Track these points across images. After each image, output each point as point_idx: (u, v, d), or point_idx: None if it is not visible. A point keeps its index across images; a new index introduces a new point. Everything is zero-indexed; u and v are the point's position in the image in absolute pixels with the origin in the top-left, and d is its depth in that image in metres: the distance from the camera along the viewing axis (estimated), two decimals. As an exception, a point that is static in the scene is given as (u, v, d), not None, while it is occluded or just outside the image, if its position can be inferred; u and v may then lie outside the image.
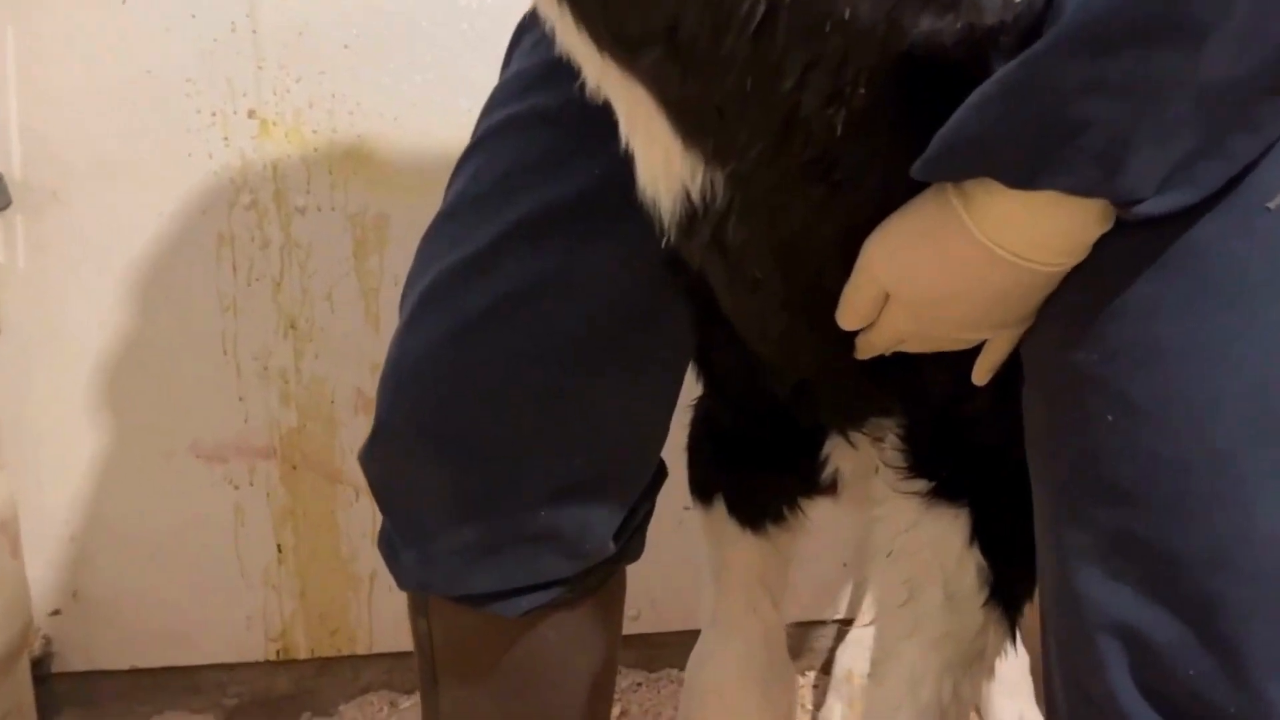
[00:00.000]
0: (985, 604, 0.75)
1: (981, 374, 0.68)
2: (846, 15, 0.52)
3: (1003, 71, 0.52)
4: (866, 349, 0.69)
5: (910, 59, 0.55)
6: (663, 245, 0.66)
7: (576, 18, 0.56)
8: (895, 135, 0.58)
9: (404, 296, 0.77)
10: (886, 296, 0.65)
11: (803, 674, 1.63)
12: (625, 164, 0.65)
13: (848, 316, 0.67)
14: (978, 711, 1.37)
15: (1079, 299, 0.60)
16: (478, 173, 0.74)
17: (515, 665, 0.78)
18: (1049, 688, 0.64)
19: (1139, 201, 0.54)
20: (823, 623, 1.62)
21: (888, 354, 0.70)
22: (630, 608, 1.59)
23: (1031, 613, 0.74)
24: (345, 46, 1.41)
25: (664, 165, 0.61)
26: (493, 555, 0.74)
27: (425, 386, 0.72)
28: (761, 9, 0.51)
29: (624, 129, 0.62)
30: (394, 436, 0.74)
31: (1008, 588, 0.75)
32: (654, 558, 0.93)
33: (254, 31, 1.39)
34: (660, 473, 0.85)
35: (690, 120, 0.58)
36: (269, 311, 1.43)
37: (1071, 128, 0.51)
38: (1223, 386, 0.54)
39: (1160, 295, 0.56)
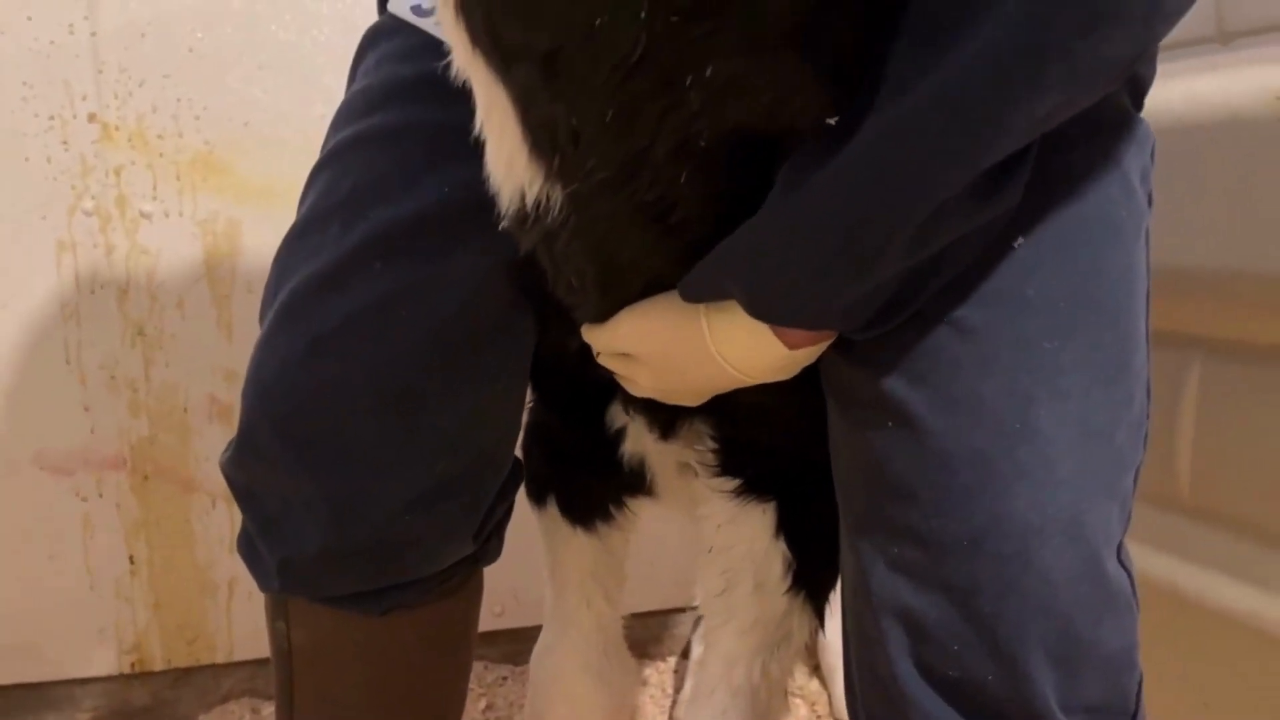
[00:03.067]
0: (789, 591, 0.82)
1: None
2: (708, 74, 0.56)
3: (757, 218, 0.59)
4: (630, 388, 0.76)
5: (749, 130, 0.60)
6: (500, 227, 0.68)
7: (457, 11, 0.57)
8: (734, 191, 0.62)
9: (263, 307, 0.78)
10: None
11: (664, 659, 1.68)
12: (473, 183, 0.67)
13: (599, 355, 0.74)
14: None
15: (850, 340, 0.68)
16: (329, 188, 0.76)
17: (373, 664, 0.80)
18: (847, 669, 0.71)
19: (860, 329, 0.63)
20: (682, 610, 1.68)
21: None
22: (495, 604, 1.63)
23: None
24: (190, 50, 1.39)
25: (508, 166, 0.63)
26: (354, 557, 0.76)
27: (286, 396, 0.74)
28: (639, 50, 0.54)
29: (479, 115, 0.64)
30: (256, 444, 0.75)
31: (811, 576, 0.82)
32: (517, 555, 0.96)
33: (93, 34, 1.36)
34: (516, 473, 0.88)
35: (541, 136, 0.60)
36: (114, 319, 1.40)
37: (791, 279, 0.60)
38: (981, 395, 0.62)
39: (917, 328, 0.64)
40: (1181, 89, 1.04)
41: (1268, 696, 0.98)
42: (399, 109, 0.75)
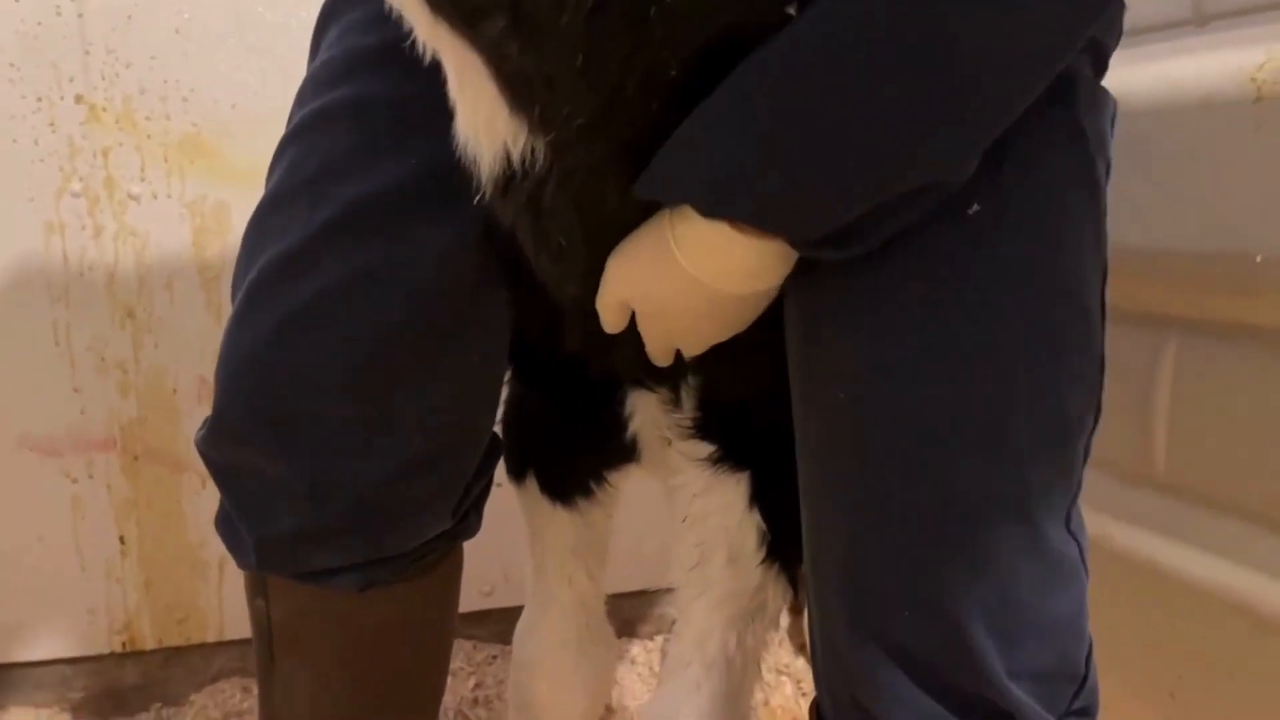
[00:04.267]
0: (763, 563, 0.83)
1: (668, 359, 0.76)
2: (668, 1, 0.56)
3: (708, 100, 0.59)
4: (652, 358, 0.75)
5: (722, 47, 0.60)
6: (477, 202, 0.68)
7: None
8: None
9: (233, 286, 0.78)
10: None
11: (651, 639, 1.70)
12: (439, 155, 0.67)
13: (606, 324, 0.73)
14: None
15: (808, 303, 0.68)
16: (294, 165, 0.76)
17: (353, 641, 0.81)
18: (810, 638, 0.72)
19: (813, 243, 0.62)
20: (670, 590, 1.69)
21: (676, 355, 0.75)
22: (484, 583, 1.64)
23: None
24: (176, 31, 1.39)
25: (488, 126, 0.63)
26: (331, 534, 0.76)
27: (259, 376, 0.74)
28: None
29: (452, 86, 0.64)
30: (231, 425, 0.75)
31: (784, 548, 0.82)
32: (506, 535, 0.97)
33: (80, 15, 1.36)
34: (495, 448, 0.88)
35: (520, 88, 0.60)
36: (103, 301, 1.40)
37: (747, 166, 0.59)
38: (927, 365, 0.63)
39: (869, 297, 0.64)
40: (1159, 71, 1.04)
41: (1241, 669, 0.99)
42: (363, 81, 0.74)
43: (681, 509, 0.85)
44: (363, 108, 0.74)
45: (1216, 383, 1.02)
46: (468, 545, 0.92)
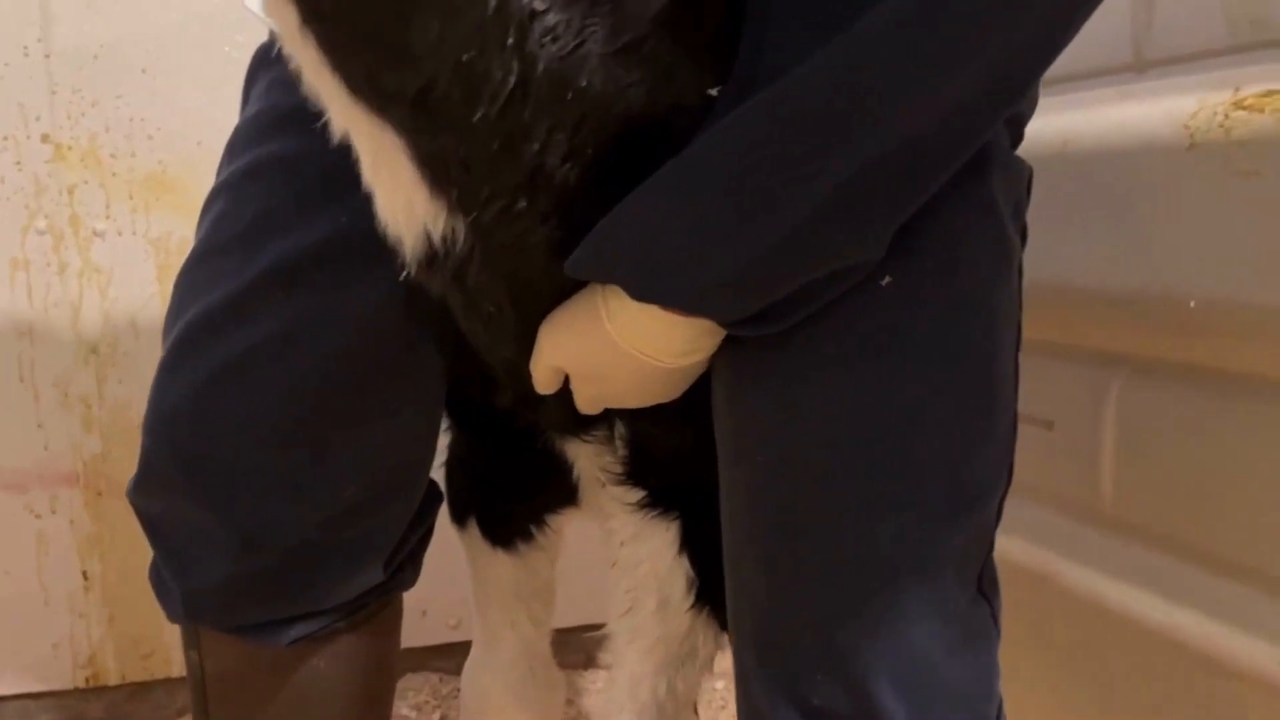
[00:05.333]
0: (692, 608, 0.83)
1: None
2: (584, 84, 0.57)
3: (638, 190, 0.60)
4: (581, 408, 0.76)
5: (644, 125, 0.61)
6: (403, 278, 0.69)
7: (331, 65, 0.57)
8: (628, 186, 0.62)
9: (164, 335, 0.78)
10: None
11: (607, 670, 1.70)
12: (370, 212, 0.67)
13: (539, 386, 0.74)
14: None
15: (731, 371, 0.70)
16: (224, 217, 0.76)
17: (286, 694, 0.80)
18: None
19: (738, 323, 0.64)
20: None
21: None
22: (450, 617, 1.64)
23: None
24: (143, 70, 1.40)
25: (407, 209, 0.64)
26: (260, 588, 0.76)
27: (185, 430, 0.74)
28: (513, 80, 0.55)
29: (367, 171, 0.64)
30: (159, 475, 0.76)
31: (714, 593, 0.82)
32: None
33: (47, 56, 1.38)
34: (433, 499, 0.89)
35: (437, 171, 0.61)
36: (68, 337, 1.41)
37: (677, 255, 0.60)
38: (839, 430, 0.64)
39: (787, 367, 0.66)
40: (1101, 115, 1.06)
41: (1181, 709, 1.00)
42: (294, 137, 0.74)
43: (613, 554, 0.85)
44: (293, 163, 0.75)
45: (1160, 421, 1.03)
46: (432, 579, 0.92)
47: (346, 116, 0.61)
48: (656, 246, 0.61)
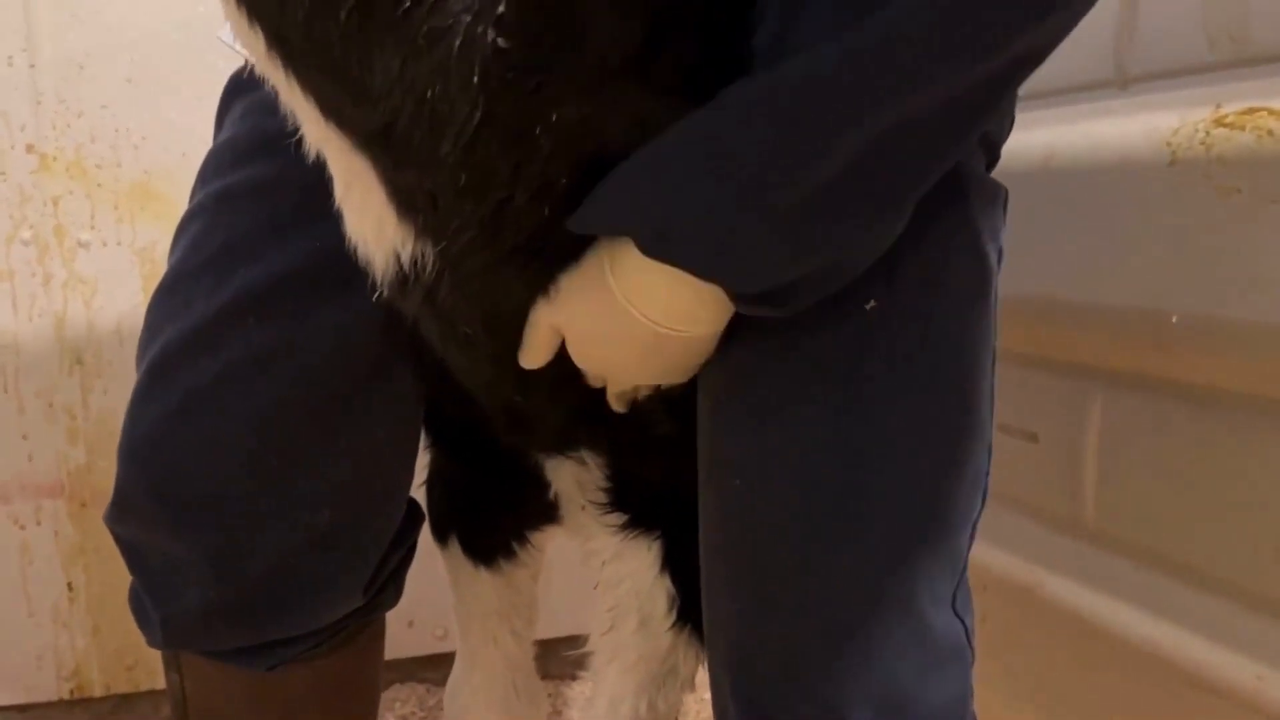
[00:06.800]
0: (674, 627, 0.83)
1: (613, 402, 0.75)
2: (553, 120, 0.56)
3: (658, 140, 0.58)
4: (580, 364, 0.72)
5: (608, 154, 0.60)
6: (376, 299, 0.68)
7: (304, 90, 0.57)
8: None
9: (136, 363, 0.78)
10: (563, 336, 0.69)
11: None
12: (342, 236, 0.67)
13: (528, 355, 0.70)
14: None
15: (713, 394, 0.69)
16: (196, 243, 0.76)
17: (268, 716, 0.80)
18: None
19: (747, 296, 0.62)
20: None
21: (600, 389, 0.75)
22: (437, 627, 1.64)
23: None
24: (128, 80, 1.40)
25: (377, 229, 0.63)
26: (237, 614, 0.76)
27: (159, 457, 0.74)
28: (478, 116, 0.54)
29: (339, 190, 0.64)
30: (134, 502, 0.75)
31: (695, 612, 0.82)
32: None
33: (31, 66, 1.37)
34: (413, 520, 0.88)
35: (405, 199, 0.60)
36: (52, 348, 1.41)
37: (693, 208, 0.58)
38: (813, 456, 0.64)
39: (766, 391, 0.66)
40: (1084, 131, 1.07)
41: (1163, 723, 1.01)
42: (267, 162, 0.74)
43: (595, 574, 0.85)
44: (266, 189, 0.74)
45: (1142, 435, 1.04)
46: (419, 590, 0.92)
47: (320, 137, 0.61)
48: (671, 200, 0.58)
